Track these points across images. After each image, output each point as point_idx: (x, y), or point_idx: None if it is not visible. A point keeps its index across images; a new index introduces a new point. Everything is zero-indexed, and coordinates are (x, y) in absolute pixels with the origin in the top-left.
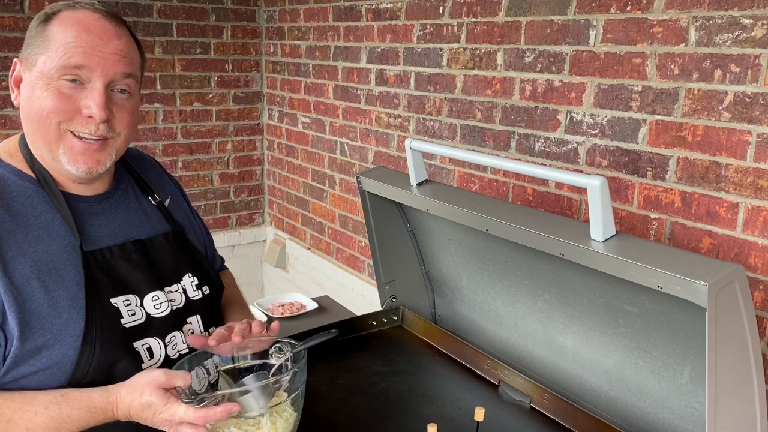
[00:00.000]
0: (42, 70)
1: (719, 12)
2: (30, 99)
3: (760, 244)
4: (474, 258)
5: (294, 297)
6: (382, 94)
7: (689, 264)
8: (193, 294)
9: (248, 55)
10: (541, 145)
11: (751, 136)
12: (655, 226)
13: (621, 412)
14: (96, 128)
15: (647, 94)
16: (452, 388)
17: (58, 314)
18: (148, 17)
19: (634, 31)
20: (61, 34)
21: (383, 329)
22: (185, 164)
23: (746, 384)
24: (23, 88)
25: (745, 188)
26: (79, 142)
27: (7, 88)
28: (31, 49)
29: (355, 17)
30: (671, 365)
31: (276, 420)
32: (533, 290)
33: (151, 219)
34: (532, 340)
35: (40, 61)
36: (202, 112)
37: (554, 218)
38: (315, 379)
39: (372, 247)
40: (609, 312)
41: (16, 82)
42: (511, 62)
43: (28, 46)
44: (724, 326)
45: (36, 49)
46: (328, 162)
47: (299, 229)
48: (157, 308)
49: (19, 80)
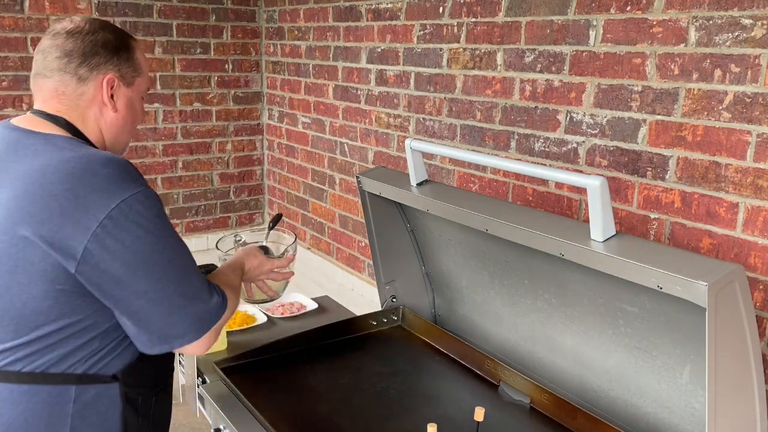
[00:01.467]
0: (140, 89)
1: (719, 12)
2: (131, 110)
3: (759, 244)
4: (474, 258)
5: (294, 297)
6: (382, 94)
7: (689, 264)
8: None
9: (248, 55)
10: (541, 145)
11: (750, 136)
12: (655, 226)
13: (621, 412)
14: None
15: (647, 94)
16: (452, 388)
17: None
18: (148, 17)
19: (634, 31)
20: (144, 63)
21: (383, 329)
22: (185, 164)
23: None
24: (121, 99)
25: (745, 188)
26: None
27: (7, 88)
28: (126, 71)
29: (355, 17)
30: (671, 365)
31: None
32: (533, 290)
33: None
34: (532, 340)
35: (138, 82)
36: (202, 112)
37: (554, 218)
38: (315, 379)
39: (372, 247)
40: (609, 312)
41: (111, 94)
42: (511, 62)
43: (116, 65)
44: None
45: (131, 71)
46: (328, 162)
47: (299, 229)
48: None
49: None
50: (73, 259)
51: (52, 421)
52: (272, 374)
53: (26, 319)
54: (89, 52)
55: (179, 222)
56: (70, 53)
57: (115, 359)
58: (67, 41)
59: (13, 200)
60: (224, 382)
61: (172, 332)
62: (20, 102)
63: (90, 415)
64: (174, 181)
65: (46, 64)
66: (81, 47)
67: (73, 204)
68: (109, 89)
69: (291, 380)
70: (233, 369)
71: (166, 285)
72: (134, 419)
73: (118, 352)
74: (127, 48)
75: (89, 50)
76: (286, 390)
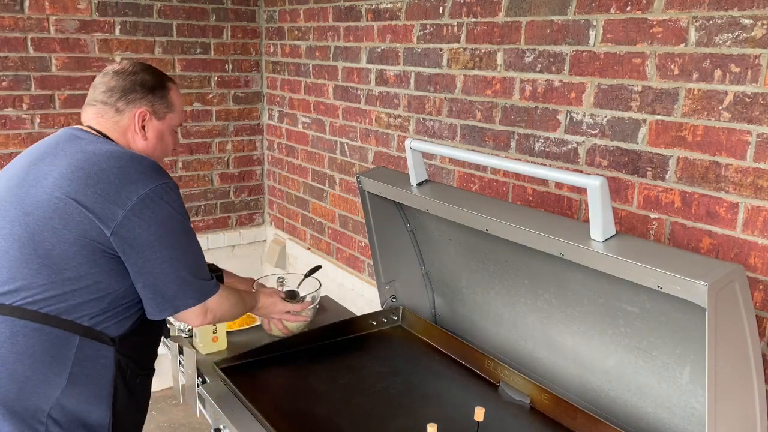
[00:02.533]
0: (170, 123)
1: (719, 12)
2: (161, 140)
3: (760, 244)
4: (474, 258)
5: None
6: (382, 94)
7: (689, 264)
8: None
9: (248, 55)
10: (541, 145)
11: (751, 136)
12: (655, 226)
13: (621, 412)
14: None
15: (647, 94)
16: (452, 388)
17: None
18: (148, 17)
19: (634, 31)
20: (178, 102)
21: (383, 329)
22: (185, 164)
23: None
24: (152, 130)
25: (745, 188)
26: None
27: (7, 88)
28: (158, 107)
29: (355, 17)
30: (671, 365)
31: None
32: (533, 290)
33: None
34: (532, 340)
35: (169, 117)
36: (202, 112)
37: (554, 218)
38: (315, 379)
39: (372, 247)
40: (609, 312)
41: (143, 125)
42: (511, 62)
43: (150, 102)
44: (724, 326)
45: (163, 107)
46: (328, 162)
47: (299, 229)
48: None
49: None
50: (111, 222)
51: (56, 361)
52: (272, 374)
53: (52, 261)
54: (128, 89)
55: None
56: (113, 89)
57: (117, 324)
58: (112, 79)
59: (66, 167)
60: (224, 382)
61: (179, 296)
62: (20, 102)
63: (87, 367)
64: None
65: (94, 96)
66: (122, 85)
67: (121, 179)
68: (140, 121)
69: (291, 380)
70: (233, 369)
71: (184, 257)
72: (123, 389)
73: (121, 319)
74: (163, 88)
75: (128, 87)
76: (286, 390)
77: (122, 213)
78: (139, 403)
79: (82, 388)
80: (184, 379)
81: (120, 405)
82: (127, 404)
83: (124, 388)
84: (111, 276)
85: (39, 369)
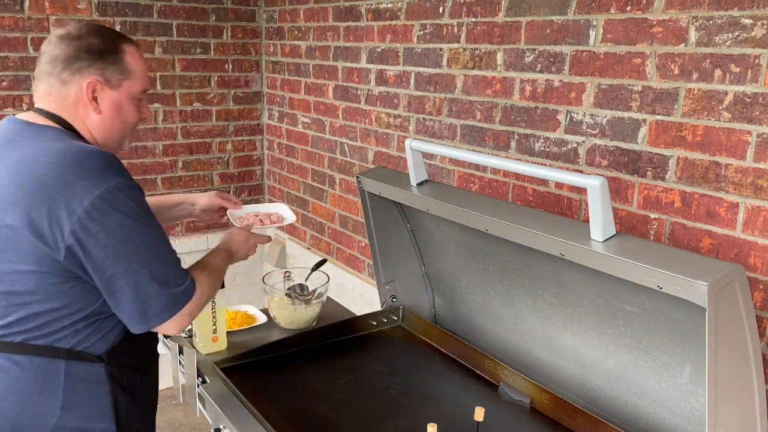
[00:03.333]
0: (129, 91)
1: (719, 12)
2: (118, 112)
3: (760, 244)
4: (474, 258)
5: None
6: (382, 94)
7: (689, 264)
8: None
9: (248, 55)
10: (541, 145)
11: (751, 136)
12: (655, 226)
13: (621, 412)
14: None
15: (647, 94)
16: (452, 388)
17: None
18: (148, 17)
19: (634, 31)
20: (138, 65)
21: (383, 329)
22: (185, 164)
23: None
24: (107, 102)
25: (745, 188)
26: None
27: (7, 88)
28: (111, 74)
29: (355, 17)
30: (671, 365)
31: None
32: (533, 290)
33: None
34: (532, 340)
35: (127, 85)
36: (202, 112)
37: (554, 218)
38: (315, 379)
39: (372, 247)
40: (609, 312)
41: (94, 96)
42: (511, 62)
43: (100, 69)
44: (724, 326)
45: (118, 74)
46: (328, 162)
47: (299, 229)
48: None
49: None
50: (61, 244)
51: (46, 391)
52: (272, 374)
53: (16, 296)
54: (72, 57)
55: (179, 222)
56: (56, 58)
57: (100, 340)
58: (56, 47)
59: (5, 187)
60: (224, 382)
61: (148, 311)
62: (20, 102)
63: (81, 389)
64: (174, 181)
65: (39, 68)
66: (65, 52)
67: (63, 192)
68: (90, 92)
69: (291, 380)
70: (233, 369)
71: (147, 268)
72: (123, 398)
73: (103, 334)
74: (115, 51)
75: (72, 55)
76: (286, 390)
77: (68, 231)
78: (145, 399)
79: (80, 409)
80: (184, 379)
81: (124, 412)
82: (131, 408)
83: (125, 395)
84: (80, 299)
85: (29, 402)
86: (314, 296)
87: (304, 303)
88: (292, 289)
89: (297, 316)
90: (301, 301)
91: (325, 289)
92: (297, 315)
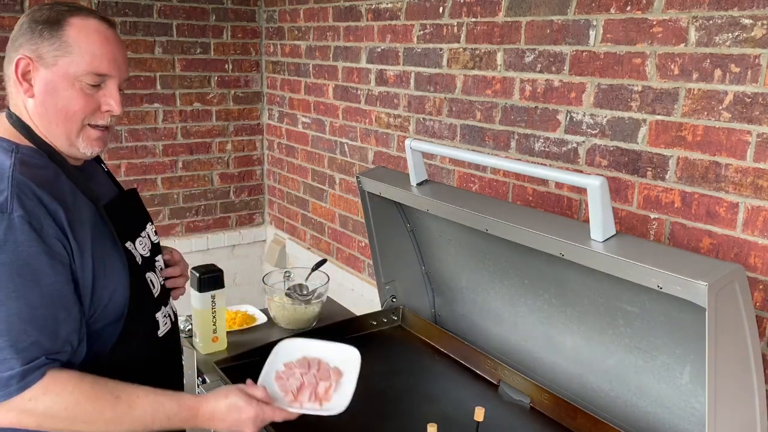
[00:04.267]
0: (66, 71)
1: (719, 12)
2: (52, 95)
3: (760, 244)
4: (474, 258)
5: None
6: (382, 94)
7: (689, 264)
8: (155, 239)
9: (248, 55)
10: (541, 145)
11: (750, 136)
12: (655, 226)
13: (621, 412)
14: (109, 120)
15: (647, 94)
16: (452, 388)
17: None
18: (148, 17)
19: (634, 31)
20: (84, 41)
21: (383, 329)
22: (185, 164)
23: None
24: (39, 82)
25: (745, 188)
26: (95, 131)
27: None
28: (45, 50)
29: (355, 17)
30: (671, 365)
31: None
32: (533, 290)
33: (109, 181)
34: (532, 340)
35: (63, 63)
36: (202, 112)
37: (554, 218)
38: None
39: (372, 247)
40: (609, 312)
41: (24, 76)
42: (511, 62)
43: (35, 44)
44: (724, 326)
45: (53, 51)
46: (328, 162)
47: (299, 229)
48: (143, 249)
49: (27, 74)
50: None
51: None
52: None
53: None
54: (16, 33)
55: (179, 222)
56: (12, 37)
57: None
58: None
59: None
60: (224, 382)
61: None
62: None
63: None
64: (174, 181)
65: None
66: (16, 29)
67: None
68: (18, 70)
69: None
70: (233, 369)
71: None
72: None
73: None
74: (55, 24)
75: (17, 31)
76: None
77: None
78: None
79: None
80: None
81: None
82: None
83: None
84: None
85: None
86: (314, 296)
87: (304, 303)
88: (292, 289)
89: (297, 316)
90: (301, 301)
91: (325, 289)
92: (297, 315)
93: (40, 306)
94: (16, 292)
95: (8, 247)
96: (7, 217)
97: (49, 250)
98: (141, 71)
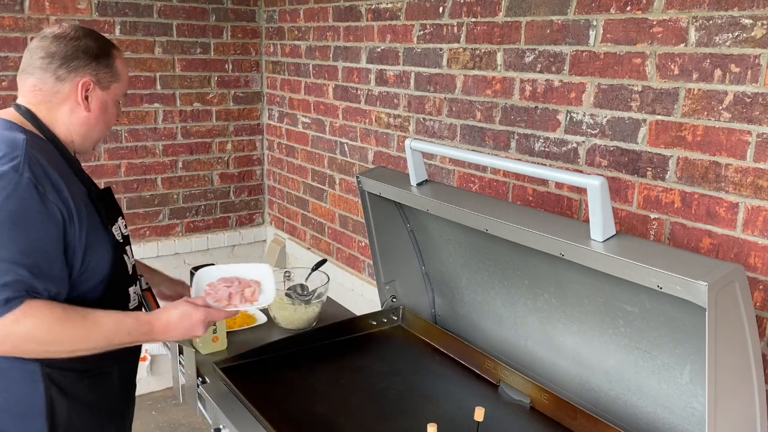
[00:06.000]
0: (115, 94)
1: (719, 12)
2: (104, 112)
3: (760, 244)
4: (474, 258)
5: (257, 272)
6: (382, 94)
7: (689, 264)
8: (125, 231)
9: (248, 55)
10: (541, 145)
11: (751, 136)
12: (655, 226)
13: (621, 412)
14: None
15: (647, 94)
16: (452, 388)
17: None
18: (148, 17)
19: (634, 31)
20: (123, 71)
21: (383, 329)
22: (185, 164)
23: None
24: (95, 101)
25: (745, 188)
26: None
27: (7, 88)
28: (102, 76)
29: (355, 17)
30: (671, 365)
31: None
32: (533, 290)
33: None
34: (532, 340)
35: (114, 87)
36: (202, 112)
37: (554, 218)
38: (315, 379)
39: (372, 247)
40: (609, 312)
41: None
42: (511, 62)
43: (95, 70)
44: (724, 326)
45: (107, 77)
46: (328, 162)
47: (299, 229)
48: (118, 236)
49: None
50: None
51: None
52: (272, 374)
53: None
54: (70, 56)
55: (179, 222)
56: (53, 55)
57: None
58: (52, 44)
59: None
60: (224, 382)
61: None
62: None
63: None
64: (174, 181)
65: (31, 62)
66: (63, 51)
67: None
68: (84, 91)
69: (291, 380)
70: (233, 369)
71: None
72: (61, 399)
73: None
74: (107, 55)
75: (70, 54)
76: (286, 390)
77: None
78: (92, 404)
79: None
80: (184, 379)
81: (62, 416)
82: (72, 412)
83: (64, 398)
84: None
85: None
86: (314, 296)
87: (304, 303)
88: (292, 289)
89: (297, 316)
90: (301, 301)
91: (325, 289)
92: (297, 315)
93: (29, 253)
94: (11, 236)
95: (14, 198)
96: (18, 176)
97: (45, 210)
98: (141, 71)
